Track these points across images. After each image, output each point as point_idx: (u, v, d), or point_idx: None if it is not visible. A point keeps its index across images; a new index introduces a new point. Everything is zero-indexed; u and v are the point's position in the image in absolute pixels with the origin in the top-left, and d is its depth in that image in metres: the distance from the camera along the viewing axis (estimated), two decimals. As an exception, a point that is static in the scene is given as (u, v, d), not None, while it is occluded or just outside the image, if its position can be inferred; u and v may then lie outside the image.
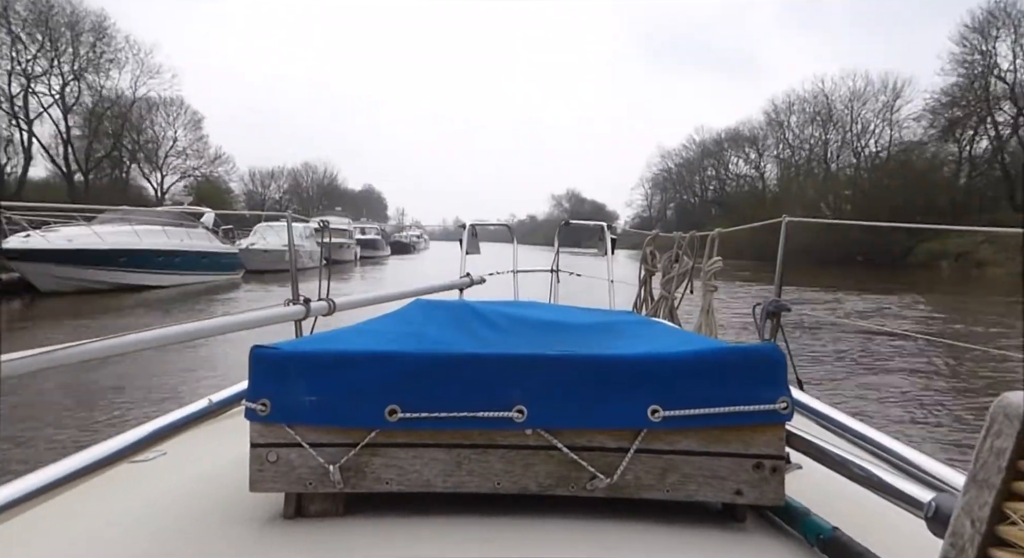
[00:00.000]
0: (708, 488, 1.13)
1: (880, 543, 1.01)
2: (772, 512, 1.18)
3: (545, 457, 1.13)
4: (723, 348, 1.20)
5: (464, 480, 1.13)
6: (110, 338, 1.69)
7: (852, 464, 1.07)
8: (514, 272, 5.28)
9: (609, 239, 5.38)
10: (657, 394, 1.12)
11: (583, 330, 1.76)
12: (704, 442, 1.13)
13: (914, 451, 1.16)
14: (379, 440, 1.13)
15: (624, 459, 1.12)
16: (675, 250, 4.79)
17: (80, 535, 1.15)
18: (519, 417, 1.12)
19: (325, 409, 1.13)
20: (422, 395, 1.12)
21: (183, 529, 1.14)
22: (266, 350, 1.17)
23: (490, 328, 1.78)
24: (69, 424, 6.68)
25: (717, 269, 4.33)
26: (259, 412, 1.12)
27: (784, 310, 3.36)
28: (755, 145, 67.89)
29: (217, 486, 1.30)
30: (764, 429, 1.13)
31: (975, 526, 0.63)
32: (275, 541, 1.08)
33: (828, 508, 1.13)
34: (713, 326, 4.33)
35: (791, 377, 1.39)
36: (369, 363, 1.15)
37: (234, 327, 2.29)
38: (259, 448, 1.13)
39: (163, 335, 1.92)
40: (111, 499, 1.28)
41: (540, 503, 1.16)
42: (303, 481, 1.13)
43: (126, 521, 1.19)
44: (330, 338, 1.42)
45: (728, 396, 1.12)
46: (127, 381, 8.35)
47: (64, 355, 1.52)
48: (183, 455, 1.52)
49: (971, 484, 0.64)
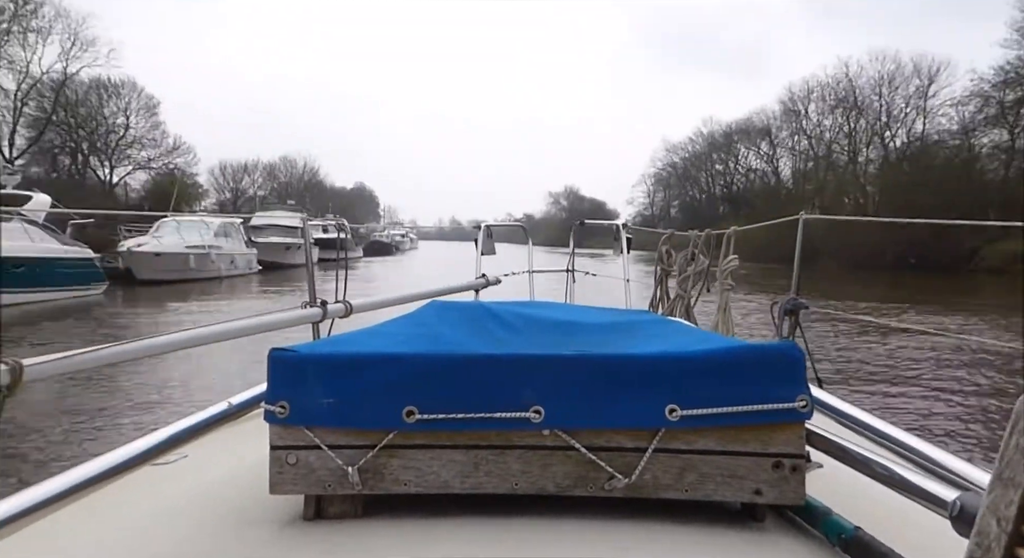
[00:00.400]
0: (727, 488, 1.12)
1: (903, 543, 1.00)
2: (793, 512, 1.17)
3: (563, 457, 1.13)
4: (740, 346, 1.19)
5: (482, 481, 1.13)
6: (128, 343, 1.71)
7: (874, 463, 1.05)
8: (530, 272, 5.27)
9: (624, 238, 5.36)
10: (674, 393, 1.12)
11: (599, 330, 1.76)
12: (722, 441, 1.12)
13: (937, 449, 1.14)
14: (397, 441, 1.13)
15: (642, 459, 1.11)
16: (691, 249, 4.77)
17: (103, 538, 1.16)
18: (536, 417, 1.11)
19: (343, 411, 1.13)
20: (439, 396, 1.13)
21: (204, 531, 1.15)
22: (284, 353, 1.18)
23: (506, 329, 1.78)
24: (88, 428, 6.76)
25: (733, 268, 4.31)
26: (278, 414, 1.13)
27: (802, 308, 3.33)
28: (768, 136, 62.70)
29: (237, 488, 1.31)
30: (783, 428, 1.12)
31: (1001, 525, 0.62)
32: (295, 543, 1.09)
33: (850, 507, 1.12)
34: (730, 324, 4.30)
35: (810, 375, 1.38)
36: (386, 365, 1.15)
37: (252, 330, 2.30)
38: (278, 450, 1.14)
39: (183, 339, 1.94)
40: (133, 502, 1.30)
41: (558, 504, 1.15)
42: (322, 483, 1.13)
43: (148, 523, 1.21)
44: (347, 340, 1.43)
45: (746, 395, 1.11)
46: (144, 385, 8.44)
47: (83, 359, 1.54)
48: (204, 458, 1.53)
49: (996, 482, 0.63)
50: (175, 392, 8.20)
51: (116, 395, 7.95)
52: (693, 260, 4.76)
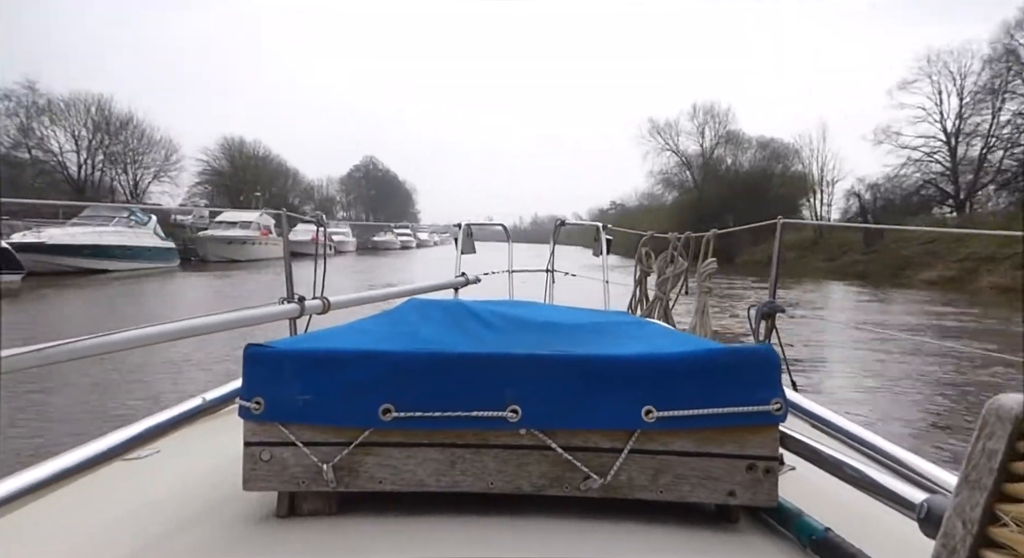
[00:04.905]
0: (701, 489, 1.13)
1: (872, 544, 1.02)
2: (765, 513, 1.18)
3: (539, 457, 1.13)
4: (717, 349, 1.20)
5: (458, 480, 1.13)
6: (103, 336, 1.68)
7: (845, 465, 1.07)
8: (509, 272, 5.28)
9: (604, 240, 5.39)
10: (651, 395, 1.12)
11: (578, 330, 1.76)
12: (698, 443, 1.13)
13: (907, 452, 1.16)
14: (373, 439, 1.12)
15: (618, 459, 1.12)
16: (670, 251, 4.81)
17: (73, 533, 1.15)
18: (513, 417, 1.12)
19: (319, 408, 1.13)
20: (416, 394, 1.12)
21: (176, 527, 1.14)
22: (260, 348, 1.17)
23: (485, 327, 1.78)
24: (60, 420, 6.66)
25: (712, 270, 4.34)
26: (253, 410, 1.12)
27: (779, 311, 3.37)
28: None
29: (210, 485, 1.30)
30: (758, 430, 1.13)
31: (967, 527, 0.63)
32: (268, 540, 1.08)
33: (821, 509, 1.13)
34: (708, 327, 4.34)
35: (785, 379, 1.39)
36: (363, 362, 1.15)
37: (228, 325, 2.28)
38: (252, 446, 1.13)
39: (157, 332, 1.92)
40: (104, 497, 1.28)
41: (534, 503, 1.16)
42: (296, 480, 1.12)
43: (119, 519, 1.19)
44: (324, 337, 1.42)
45: (722, 397, 1.12)
46: (120, 378, 8.33)
47: (57, 352, 1.52)
48: (177, 453, 1.51)
49: (963, 485, 0.64)
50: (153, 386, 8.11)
51: (86, 389, 7.84)
52: (672, 262, 4.80)
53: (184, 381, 8.23)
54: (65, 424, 6.59)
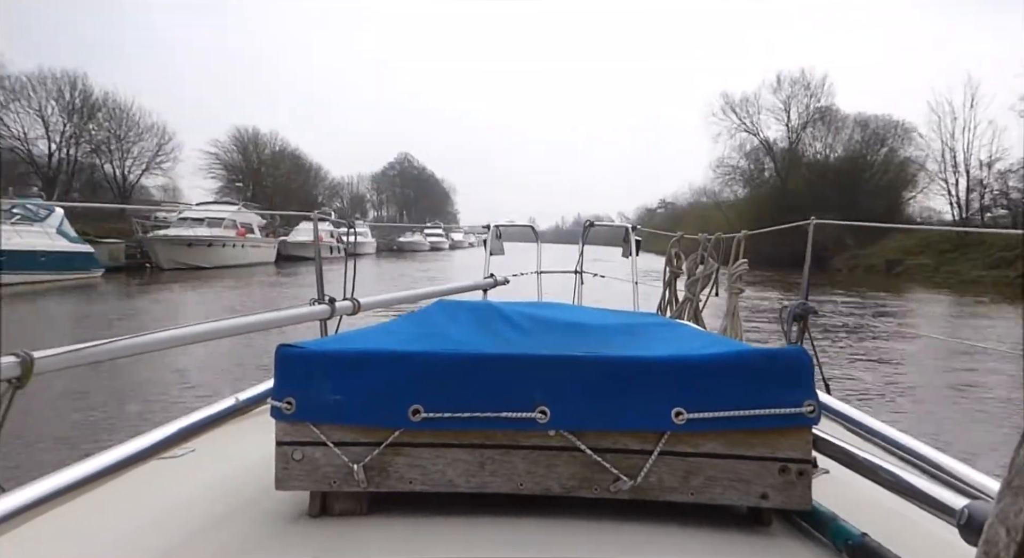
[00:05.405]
0: (733, 491, 1.11)
1: (910, 550, 0.99)
2: (799, 517, 1.16)
3: (568, 458, 1.12)
4: (748, 351, 1.19)
5: (487, 480, 1.13)
6: (137, 336, 1.72)
7: (881, 469, 1.05)
8: (538, 273, 5.28)
9: (634, 241, 5.36)
10: (681, 396, 1.11)
11: (607, 331, 1.75)
12: (729, 445, 1.11)
13: (946, 456, 1.13)
14: (403, 440, 1.13)
15: (648, 461, 1.11)
16: (700, 252, 4.76)
17: (111, 531, 1.17)
18: (542, 418, 1.11)
19: (349, 408, 1.13)
20: (445, 395, 1.13)
21: (210, 525, 1.16)
22: (291, 349, 1.18)
23: (513, 329, 1.78)
24: (97, 420, 6.80)
25: (743, 271, 4.29)
26: (284, 411, 1.13)
27: (811, 313, 3.32)
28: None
29: (244, 484, 1.32)
30: (790, 432, 1.11)
31: (1011, 534, 0.61)
32: (300, 539, 1.09)
33: (856, 514, 1.11)
34: (739, 329, 4.29)
35: (818, 380, 1.37)
36: (393, 363, 1.16)
37: (261, 326, 2.32)
38: (284, 446, 1.14)
39: (191, 333, 1.95)
40: (141, 496, 1.30)
41: (563, 504, 1.15)
42: (328, 480, 1.13)
43: (155, 517, 1.21)
44: (354, 338, 1.43)
45: (753, 399, 1.10)
46: (156, 378, 8.48)
47: (93, 352, 1.55)
48: (211, 452, 1.54)
49: (1006, 491, 0.62)
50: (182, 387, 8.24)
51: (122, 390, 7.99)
52: (703, 263, 4.75)
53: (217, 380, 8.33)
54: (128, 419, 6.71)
